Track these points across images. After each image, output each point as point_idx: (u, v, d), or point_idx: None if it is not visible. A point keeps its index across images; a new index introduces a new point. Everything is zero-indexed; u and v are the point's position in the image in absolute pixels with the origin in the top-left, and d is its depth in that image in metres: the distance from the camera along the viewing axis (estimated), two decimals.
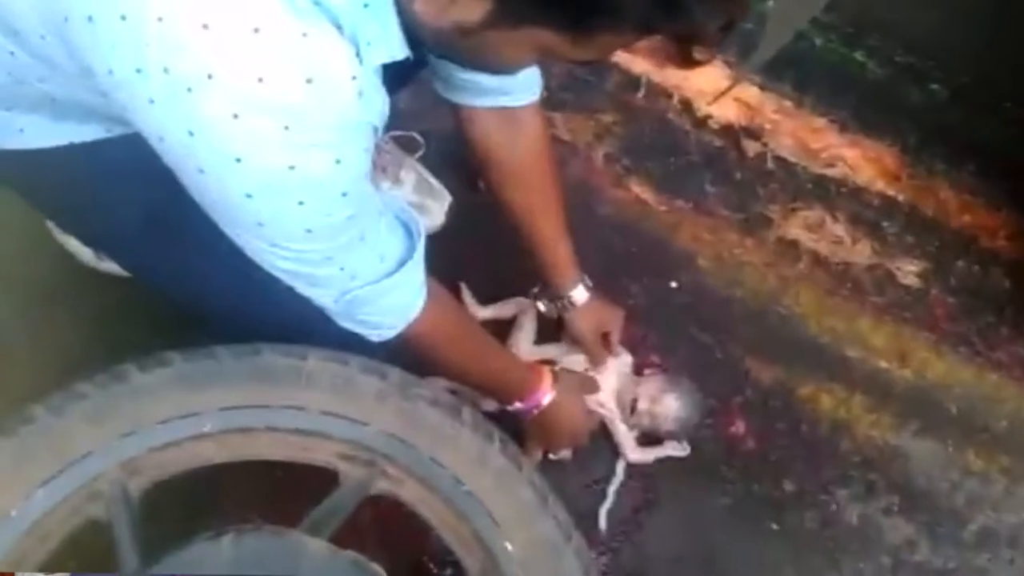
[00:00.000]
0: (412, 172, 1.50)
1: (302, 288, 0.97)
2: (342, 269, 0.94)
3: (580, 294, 1.40)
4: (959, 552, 1.50)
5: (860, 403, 1.58)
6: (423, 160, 1.53)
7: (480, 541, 1.01)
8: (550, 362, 1.37)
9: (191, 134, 0.76)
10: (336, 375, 1.04)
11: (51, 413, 0.96)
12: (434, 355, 1.14)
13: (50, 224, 1.38)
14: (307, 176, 0.79)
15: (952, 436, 1.59)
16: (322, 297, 0.98)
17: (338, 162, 0.80)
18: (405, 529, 1.30)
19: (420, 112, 1.53)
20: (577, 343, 1.44)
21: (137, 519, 0.96)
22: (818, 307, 1.65)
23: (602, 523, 1.42)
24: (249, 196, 0.80)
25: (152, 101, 0.75)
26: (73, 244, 1.39)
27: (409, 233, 1.02)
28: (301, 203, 0.81)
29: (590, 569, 1.02)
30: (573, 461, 1.44)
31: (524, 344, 1.46)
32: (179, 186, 0.84)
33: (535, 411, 1.29)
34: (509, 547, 1.00)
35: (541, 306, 1.45)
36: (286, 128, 0.75)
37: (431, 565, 1.34)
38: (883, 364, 1.62)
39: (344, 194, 0.84)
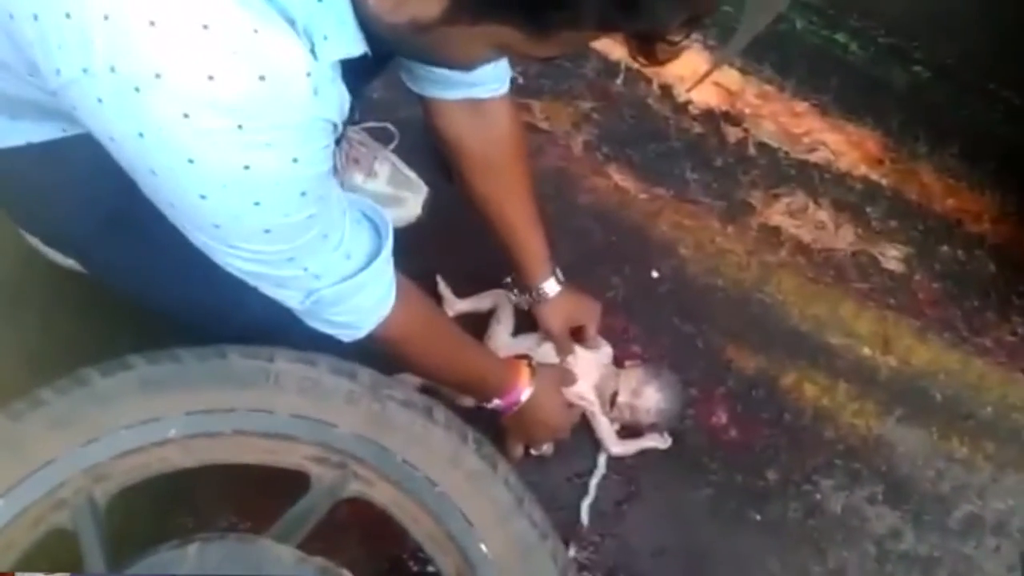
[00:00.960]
0: (386, 164, 1.48)
1: (267, 289, 0.94)
2: (305, 269, 0.91)
3: (551, 287, 1.37)
4: (944, 540, 1.50)
5: (844, 391, 1.57)
6: (397, 151, 1.51)
7: (454, 542, 0.99)
8: (527, 356, 1.35)
9: (141, 135, 0.73)
10: (304, 377, 1.02)
11: (11, 419, 0.94)
12: (407, 355, 1.12)
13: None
14: (263, 176, 0.77)
15: (937, 423, 1.57)
16: (288, 299, 0.96)
17: (295, 161, 0.78)
18: (384, 528, 1.29)
19: (393, 102, 1.50)
20: (547, 336, 1.42)
21: (103, 527, 0.94)
22: (801, 294, 1.63)
23: (584, 517, 1.40)
24: (203, 197, 0.78)
25: (100, 101, 0.72)
26: (38, 242, 1.36)
27: (376, 231, 1.00)
28: (257, 203, 0.79)
29: (567, 570, 1.01)
30: (554, 455, 1.42)
31: (502, 336, 1.44)
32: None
33: (514, 408, 1.27)
34: (484, 548, 0.99)
35: (512, 297, 1.43)
36: (239, 127, 0.73)
37: (411, 563, 1.32)
38: (867, 351, 1.61)
39: (303, 193, 0.81)
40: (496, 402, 1.27)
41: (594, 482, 1.42)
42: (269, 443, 1.01)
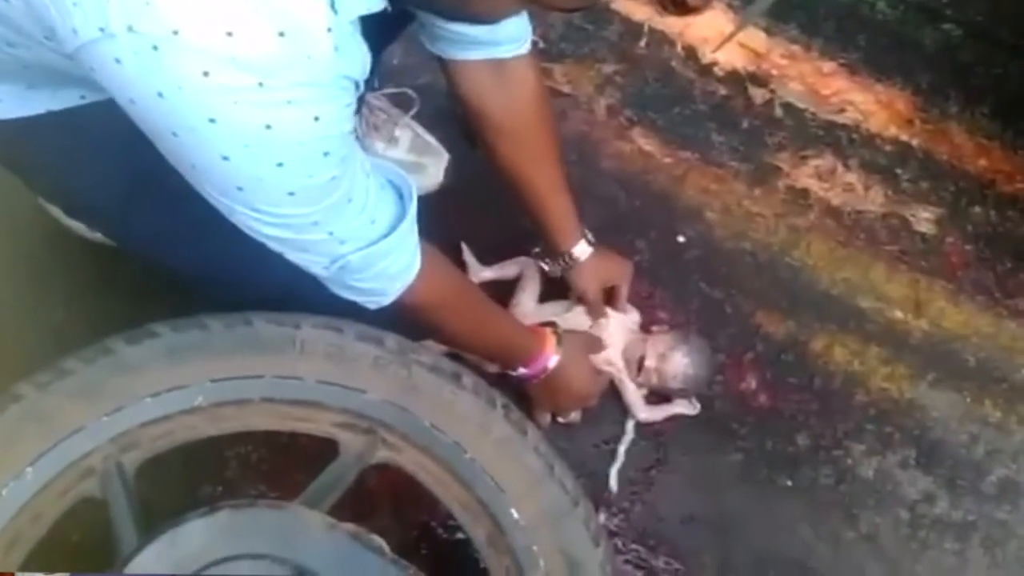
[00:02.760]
0: (407, 130, 1.46)
1: (291, 255, 0.93)
2: (331, 234, 0.90)
3: (583, 250, 1.35)
4: (979, 505, 1.47)
5: (875, 355, 1.54)
6: (418, 117, 1.49)
7: (485, 508, 0.99)
8: (553, 323, 1.34)
9: (161, 95, 0.72)
10: (331, 343, 1.01)
11: (38, 390, 0.94)
12: (433, 322, 1.11)
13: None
14: (285, 135, 0.76)
15: (970, 387, 1.54)
16: (312, 264, 0.95)
17: (317, 119, 0.76)
18: (413, 496, 1.28)
19: (413, 68, 1.48)
20: (581, 301, 1.40)
21: (133, 495, 0.94)
22: (830, 258, 1.60)
23: (613, 483, 1.39)
24: (226, 159, 0.76)
25: (119, 61, 0.71)
26: (60, 213, 1.35)
27: (400, 196, 0.98)
28: (280, 164, 0.78)
29: (599, 536, 1.00)
30: (582, 422, 1.41)
31: (528, 304, 1.43)
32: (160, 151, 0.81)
33: (541, 376, 1.26)
34: (515, 514, 0.98)
35: (544, 265, 1.40)
36: (260, 85, 0.71)
37: (440, 530, 1.32)
38: (898, 314, 1.58)
39: (326, 153, 0.80)
40: (522, 370, 1.26)
41: (622, 448, 1.41)
42: (297, 410, 1.00)
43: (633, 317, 1.45)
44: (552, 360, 1.25)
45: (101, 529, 0.93)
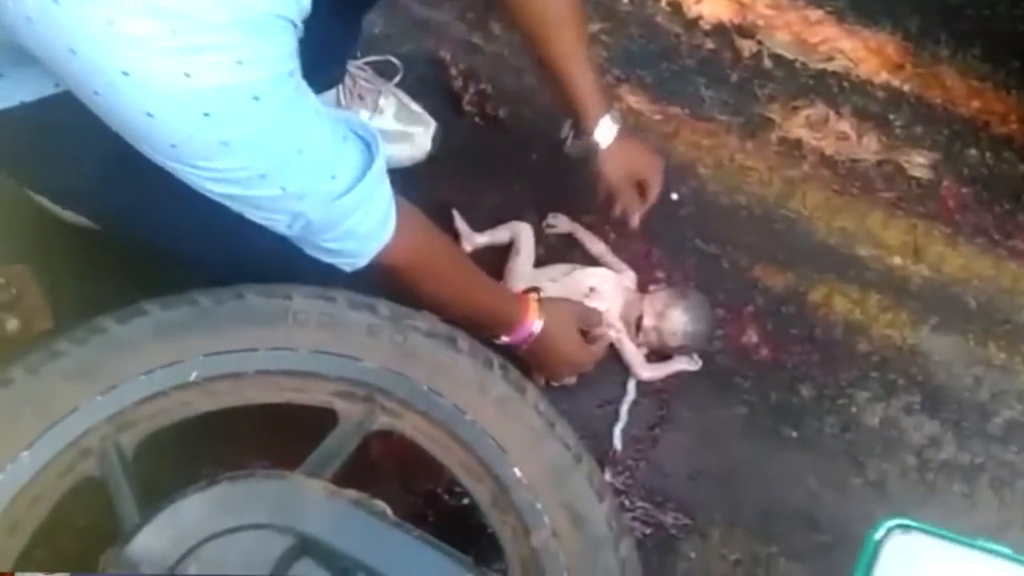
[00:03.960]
0: (392, 99, 1.44)
1: (252, 215, 0.89)
2: (283, 189, 0.85)
3: (607, 128, 1.25)
4: (986, 447, 1.47)
5: (875, 302, 1.53)
6: (402, 86, 1.47)
7: (488, 469, 0.99)
8: (537, 289, 1.30)
9: (72, 52, 0.69)
10: (324, 312, 1.00)
11: (29, 373, 0.93)
12: (411, 285, 1.06)
13: None
14: (206, 83, 0.71)
15: (972, 330, 1.54)
16: (276, 224, 0.90)
17: (240, 63, 0.72)
18: (417, 464, 1.28)
19: (395, 36, 1.46)
20: (607, 189, 1.31)
21: (132, 473, 0.94)
22: (826, 207, 1.59)
23: (617, 443, 1.39)
24: (151, 115, 0.73)
25: (30, 20, 0.68)
26: (47, 202, 1.34)
27: (367, 147, 0.93)
28: (207, 114, 0.73)
29: (603, 490, 0.99)
30: (583, 385, 1.40)
31: (524, 268, 1.41)
32: None
33: (526, 343, 1.22)
34: (518, 473, 0.98)
35: (568, 146, 1.32)
36: (172, 32, 0.68)
37: (446, 496, 1.31)
38: (897, 261, 1.57)
39: (256, 98, 0.75)
40: (505, 339, 1.21)
41: (624, 408, 1.40)
42: (293, 381, 0.99)
43: (629, 275, 1.44)
44: (536, 326, 1.21)
45: (103, 512, 0.92)
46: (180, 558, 0.79)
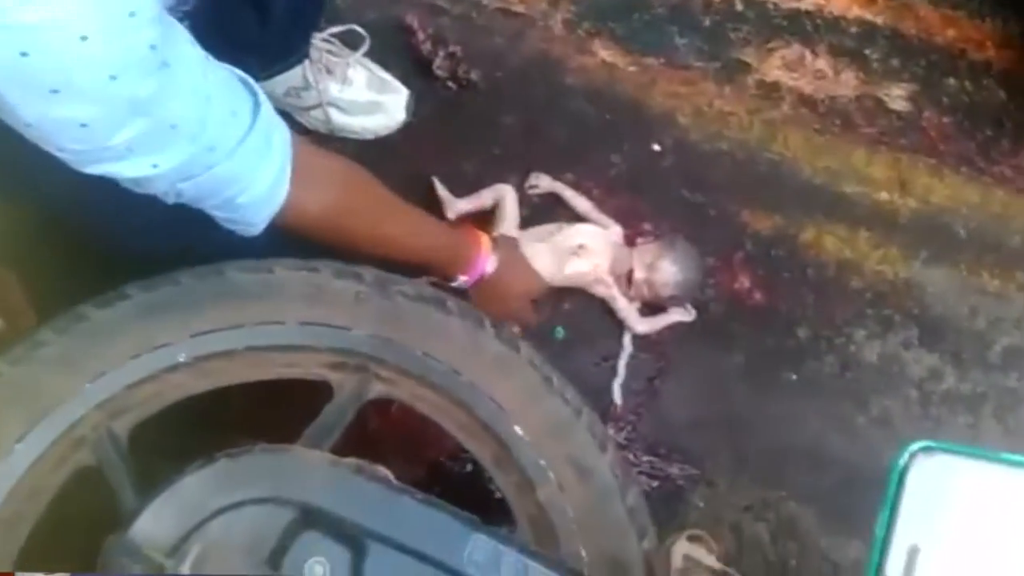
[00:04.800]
0: (361, 69, 1.41)
1: (132, 186, 0.80)
2: (155, 167, 0.77)
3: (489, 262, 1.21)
4: (987, 375, 1.46)
5: (865, 239, 1.52)
6: (370, 55, 1.44)
7: (488, 428, 0.97)
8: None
9: None
10: (308, 283, 0.98)
11: (13, 366, 0.91)
12: (339, 233, 0.97)
13: None
14: (48, 61, 0.65)
15: (964, 259, 1.53)
16: (165, 196, 0.82)
17: (84, 39, 0.65)
18: (417, 434, 1.26)
19: (359, 5, 1.44)
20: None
21: (128, 459, 0.92)
22: (809, 147, 1.57)
23: (616, 397, 1.38)
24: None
25: None
26: None
27: (252, 91, 0.84)
28: (55, 92, 0.67)
29: (605, 441, 0.98)
30: (578, 342, 1.39)
31: (511, 231, 1.39)
32: None
33: (481, 281, 1.18)
34: (519, 430, 0.97)
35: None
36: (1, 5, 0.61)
37: (449, 463, 1.30)
38: (884, 196, 1.55)
39: (113, 77, 0.68)
40: (462, 279, 1.17)
41: (622, 363, 1.39)
42: (284, 356, 0.98)
43: (616, 230, 1.43)
44: (489, 262, 1.18)
45: (103, 500, 0.90)
46: (183, 538, 0.78)
